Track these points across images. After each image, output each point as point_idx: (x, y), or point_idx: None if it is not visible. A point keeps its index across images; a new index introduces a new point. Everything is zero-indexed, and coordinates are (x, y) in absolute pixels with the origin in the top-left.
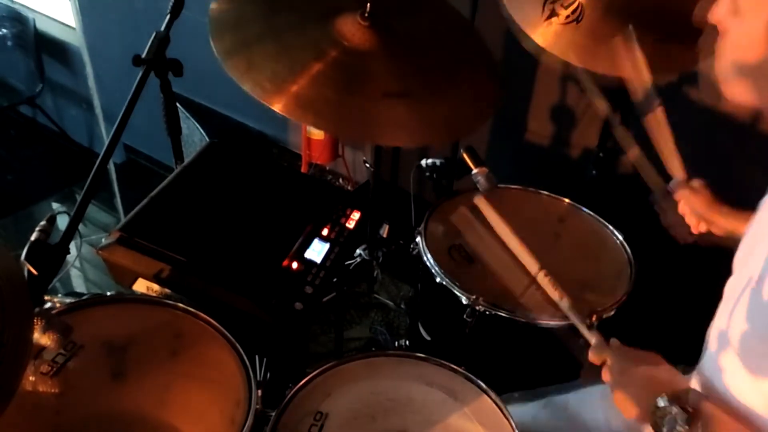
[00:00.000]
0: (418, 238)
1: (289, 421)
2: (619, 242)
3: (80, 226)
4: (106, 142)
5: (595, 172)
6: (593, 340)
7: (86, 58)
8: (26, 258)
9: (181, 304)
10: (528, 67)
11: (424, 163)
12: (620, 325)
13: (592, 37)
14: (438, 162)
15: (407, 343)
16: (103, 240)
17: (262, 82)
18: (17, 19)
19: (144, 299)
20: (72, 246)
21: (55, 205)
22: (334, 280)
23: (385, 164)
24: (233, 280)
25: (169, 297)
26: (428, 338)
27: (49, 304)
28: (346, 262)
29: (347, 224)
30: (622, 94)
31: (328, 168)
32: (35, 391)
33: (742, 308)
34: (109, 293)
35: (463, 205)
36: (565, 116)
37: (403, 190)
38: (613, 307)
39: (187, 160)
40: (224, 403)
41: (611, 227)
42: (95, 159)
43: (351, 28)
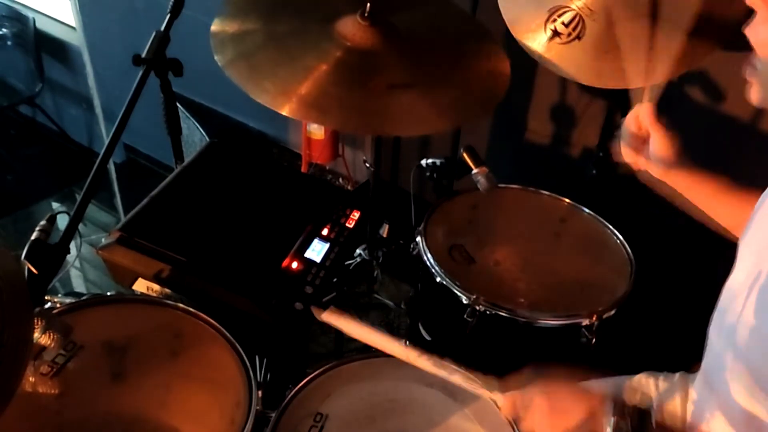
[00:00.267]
0: (418, 238)
1: (288, 422)
2: (619, 242)
3: (80, 226)
4: (106, 142)
5: (595, 172)
6: (499, 402)
7: (86, 57)
8: (26, 258)
9: (181, 304)
10: (528, 67)
11: (424, 162)
12: (620, 325)
13: (597, 53)
14: (438, 162)
15: (407, 343)
16: (103, 240)
17: (268, 87)
18: (17, 19)
19: (144, 299)
20: (72, 246)
21: (55, 205)
22: (334, 280)
23: (385, 164)
24: (233, 280)
25: (169, 297)
26: (428, 338)
27: (49, 304)
28: (346, 262)
29: (347, 224)
30: (623, 93)
31: (328, 168)
32: (35, 391)
33: (750, 305)
34: (109, 293)
35: None
36: (565, 116)
37: (403, 190)
38: (613, 307)
39: (187, 160)
40: (224, 404)
41: (611, 227)
42: (95, 159)
43: (352, 28)
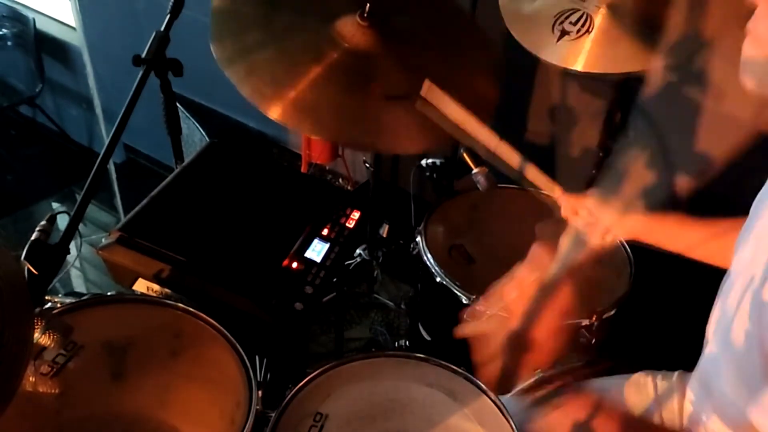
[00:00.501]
0: (418, 238)
1: (288, 422)
2: (619, 242)
3: (80, 226)
4: (106, 142)
5: (595, 172)
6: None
7: (86, 57)
8: (26, 258)
9: (181, 304)
10: (528, 67)
11: (424, 162)
12: (620, 325)
13: (607, 41)
14: (438, 162)
15: (407, 343)
16: (103, 240)
17: (262, 87)
18: (17, 19)
19: (144, 299)
20: (72, 246)
21: (55, 205)
22: (334, 280)
23: (385, 164)
24: (233, 280)
25: (169, 297)
26: (428, 338)
27: (49, 304)
28: (346, 262)
29: (347, 224)
30: (623, 93)
31: (328, 168)
32: (35, 391)
33: (744, 308)
34: (109, 293)
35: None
36: (565, 116)
37: (403, 190)
38: (613, 307)
39: (187, 160)
40: (224, 404)
41: None
42: (95, 159)
43: (351, 29)
